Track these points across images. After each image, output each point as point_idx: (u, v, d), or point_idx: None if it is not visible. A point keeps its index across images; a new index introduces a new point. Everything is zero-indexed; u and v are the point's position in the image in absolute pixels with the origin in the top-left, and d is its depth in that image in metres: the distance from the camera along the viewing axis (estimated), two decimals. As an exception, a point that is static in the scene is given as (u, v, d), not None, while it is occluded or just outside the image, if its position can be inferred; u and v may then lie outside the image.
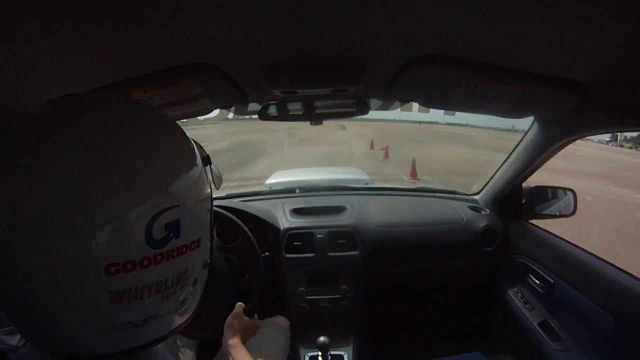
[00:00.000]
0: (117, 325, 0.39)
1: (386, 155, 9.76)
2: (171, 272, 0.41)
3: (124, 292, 0.37)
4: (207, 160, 0.49)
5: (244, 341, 0.93)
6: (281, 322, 1.34)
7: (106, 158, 0.37)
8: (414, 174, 6.87)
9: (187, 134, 0.46)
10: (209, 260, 0.49)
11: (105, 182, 0.36)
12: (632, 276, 1.06)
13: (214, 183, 0.52)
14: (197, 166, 0.45)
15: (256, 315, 1.03)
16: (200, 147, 0.48)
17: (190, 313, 0.49)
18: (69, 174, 0.36)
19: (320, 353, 1.24)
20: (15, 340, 0.50)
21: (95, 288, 0.36)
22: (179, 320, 0.47)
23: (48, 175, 0.36)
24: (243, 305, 1.00)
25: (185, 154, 0.44)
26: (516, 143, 1.46)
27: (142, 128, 0.42)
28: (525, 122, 1.32)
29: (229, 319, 0.95)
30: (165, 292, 0.41)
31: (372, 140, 11.71)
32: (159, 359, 0.48)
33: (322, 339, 1.22)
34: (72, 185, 0.35)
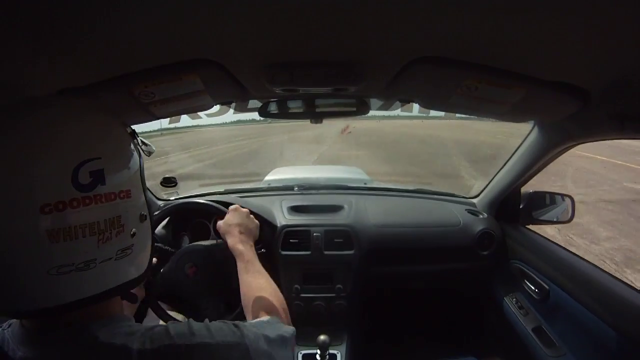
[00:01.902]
0: (60, 266, 0.44)
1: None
2: (102, 216, 0.47)
3: (60, 230, 0.44)
4: (132, 135, 0.57)
5: (248, 236, 1.03)
6: None
7: (39, 133, 0.46)
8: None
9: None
10: (145, 215, 0.55)
11: (40, 147, 0.45)
12: (627, 285, 1.06)
13: (144, 152, 0.59)
14: (118, 134, 0.54)
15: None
16: (124, 124, 0.57)
17: (140, 273, 0.55)
18: (12, 149, 0.44)
19: (319, 351, 1.25)
20: None
21: (34, 227, 0.43)
22: (124, 275, 0.52)
23: None
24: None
25: (104, 126, 0.53)
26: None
27: (72, 112, 0.51)
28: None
29: (222, 225, 1.06)
30: (100, 235, 0.47)
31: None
32: (116, 329, 0.50)
33: (322, 337, 1.23)
34: (15, 156, 0.44)
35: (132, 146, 0.55)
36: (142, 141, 0.60)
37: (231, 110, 1.25)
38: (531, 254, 1.45)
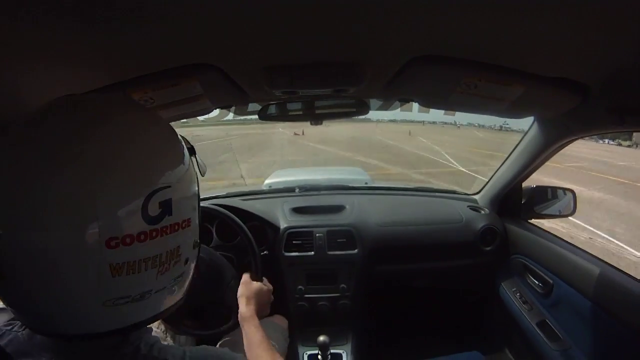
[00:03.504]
0: (117, 299, 0.43)
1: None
2: (165, 248, 0.45)
3: (124, 264, 0.41)
4: (191, 151, 0.54)
5: (259, 311, 0.96)
6: (279, 322, 1.35)
7: (105, 152, 0.42)
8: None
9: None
10: (198, 241, 0.54)
11: (107, 170, 0.41)
12: (631, 277, 1.06)
13: (199, 171, 0.56)
14: (184, 155, 0.51)
15: (265, 278, 1.08)
16: (185, 140, 0.54)
17: (182, 295, 0.54)
18: (74, 167, 0.40)
19: (319, 352, 1.24)
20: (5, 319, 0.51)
21: (98, 261, 0.40)
22: (171, 300, 0.51)
23: (54, 168, 0.40)
24: (248, 274, 1.05)
25: (174, 144, 0.50)
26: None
27: (138, 126, 0.48)
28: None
29: (240, 288, 0.99)
30: (161, 267, 0.45)
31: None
32: (150, 340, 0.51)
33: (322, 338, 1.22)
34: (78, 176, 0.40)
35: (192, 168, 0.53)
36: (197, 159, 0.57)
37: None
38: (534, 249, 1.45)
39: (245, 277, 1.03)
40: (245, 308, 0.93)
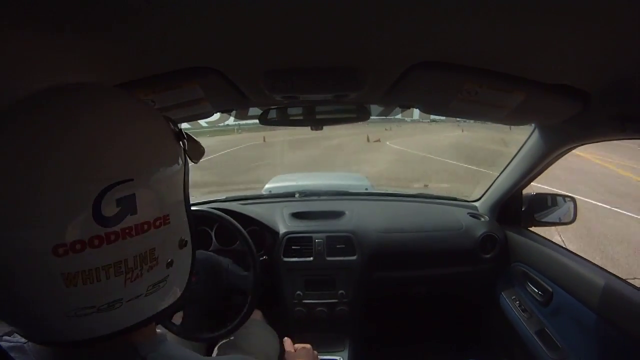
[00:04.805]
0: (78, 309, 0.37)
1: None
2: (132, 252, 0.38)
3: (77, 274, 0.35)
4: (179, 135, 0.46)
5: None
6: (258, 317, 1.36)
7: (47, 140, 0.36)
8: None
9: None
10: (186, 239, 0.46)
11: (46, 163, 0.35)
12: (632, 286, 1.06)
13: (190, 157, 0.48)
14: (158, 138, 0.43)
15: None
16: (171, 121, 0.46)
17: (175, 298, 0.47)
18: (12, 163, 0.35)
19: None
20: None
21: (47, 271, 0.35)
22: (159, 306, 0.44)
23: None
24: (289, 340, 1.08)
25: (143, 126, 0.42)
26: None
27: (91, 106, 0.40)
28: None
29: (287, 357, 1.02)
30: (129, 274, 0.38)
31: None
32: (167, 352, 0.45)
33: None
34: (15, 172, 0.34)
35: (175, 153, 0.45)
36: (189, 140, 0.48)
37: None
38: (534, 256, 1.44)
39: (287, 343, 1.07)
40: None
